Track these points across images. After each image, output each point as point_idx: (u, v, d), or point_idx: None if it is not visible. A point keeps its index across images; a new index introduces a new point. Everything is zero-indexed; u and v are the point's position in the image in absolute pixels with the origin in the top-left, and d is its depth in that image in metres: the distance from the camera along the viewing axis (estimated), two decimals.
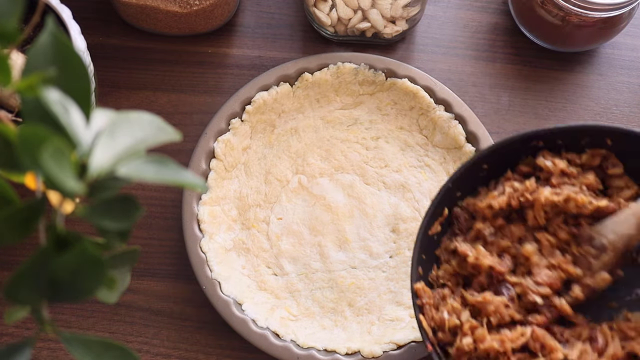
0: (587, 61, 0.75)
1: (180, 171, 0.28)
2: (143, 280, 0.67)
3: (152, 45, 0.74)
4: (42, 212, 0.29)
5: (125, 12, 0.71)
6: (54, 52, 0.29)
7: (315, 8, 0.71)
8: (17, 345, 0.29)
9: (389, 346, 0.62)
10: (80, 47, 0.61)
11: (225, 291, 0.63)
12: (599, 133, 0.56)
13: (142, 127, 0.28)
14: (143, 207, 0.28)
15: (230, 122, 0.68)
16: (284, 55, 0.74)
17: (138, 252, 0.34)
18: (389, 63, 0.70)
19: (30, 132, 0.25)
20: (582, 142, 0.57)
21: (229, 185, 0.68)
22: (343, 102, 0.72)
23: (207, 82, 0.73)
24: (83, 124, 0.28)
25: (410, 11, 0.70)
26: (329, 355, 0.62)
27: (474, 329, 0.52)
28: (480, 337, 0.52)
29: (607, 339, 0.52)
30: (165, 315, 0.66)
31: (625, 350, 0.51)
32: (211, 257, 0.64)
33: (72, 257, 0.27)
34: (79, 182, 0.26)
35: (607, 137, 0.56)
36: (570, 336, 0.53)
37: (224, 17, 0.73)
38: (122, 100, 0.72)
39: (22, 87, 0.27)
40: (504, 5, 0.77)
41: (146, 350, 0.65)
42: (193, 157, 0.67)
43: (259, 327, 0.62)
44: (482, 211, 0.57)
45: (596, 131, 0.56)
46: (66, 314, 0.66)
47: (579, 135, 0.56)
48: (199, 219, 0.65)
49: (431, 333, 0.54)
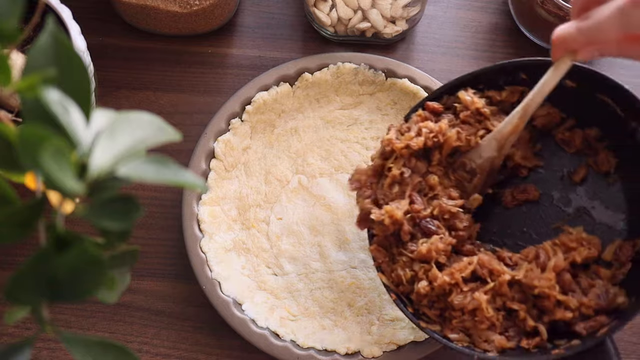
0: (586, 61, 0.75)
1: (180, 171, 0.28)
2: (143, 280, 0.67)
3: (152, 45, 0.74)
4: (42, 212, 0.29)
5: (125, 12, 0.71)
6: (54, 52, 0.29)
7: (315, 8, 0.71)
8: (17, 345, 0.29)
9: (388, 346, 0.62)
10: (80, 47, 0.61)
11: (225, 291, 0.63)
12: (513, 69, 0.58)
13: (142, 127, 0.28)
14: (143, 207, 0.28)
15: (230, 122, 0.68)
16: (284, 55, 0.74)
17: (138, 252, 0.34)
18: (389, 63, 0.70)
19: (30, 132, 0.25)
20: (500, 81, 0.59)
21: (229, 185, 0.68)
22: (343, 102, 0.72)
23: (207, 82, 0.73)
24: (83, 124, 0.28)
25: (410, 11, 0.70)
26: (329, 356, 0.62)
27: (427, 272, 0.55)
28: (433, 277, 0.55)
29: (549, 254, 0.54)
30: (165, 315, 0.66)
31: (567, 261, 0.54)
32: (211, 257, 0.64)
33: (72, 257, 0.27)
34: (79, 182, 0.26)
35: (521, 72, 0.58)
36: (519, 259, 0.56)
37: (224, 17, 0.73)
38: (122, 100, 0.72)
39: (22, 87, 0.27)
40: (504, 5, 0.77)
41: (146, 351, 0.65)
42: (193, 157, 0.67)
43: (259, 327, 0.62)
44: (399, 151, 0.58)
45: (511, 68, 0.58)
46: (66, 314, 0.66)
47: (497, 76, 0.58)
48: (199, 219, 0.65)
49: (393, 286, 0.57)
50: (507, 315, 0.55)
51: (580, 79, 0.55)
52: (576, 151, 0.58)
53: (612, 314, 0.51)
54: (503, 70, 0.58)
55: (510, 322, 0.54)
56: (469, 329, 0.54)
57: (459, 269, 0.55)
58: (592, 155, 0.57)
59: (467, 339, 0.54)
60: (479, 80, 0.59)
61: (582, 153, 0.58)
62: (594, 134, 0.57)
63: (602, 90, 0.55)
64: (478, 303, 0.53)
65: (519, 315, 0.54)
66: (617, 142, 0.56)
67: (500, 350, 0.53)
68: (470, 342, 0.54)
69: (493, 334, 0.54)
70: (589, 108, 0.56)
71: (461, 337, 0.54)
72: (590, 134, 0.57)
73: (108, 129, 0.28)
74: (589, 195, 0.57)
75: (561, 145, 0.59)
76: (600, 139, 0.57)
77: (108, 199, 0.28)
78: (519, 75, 0.58)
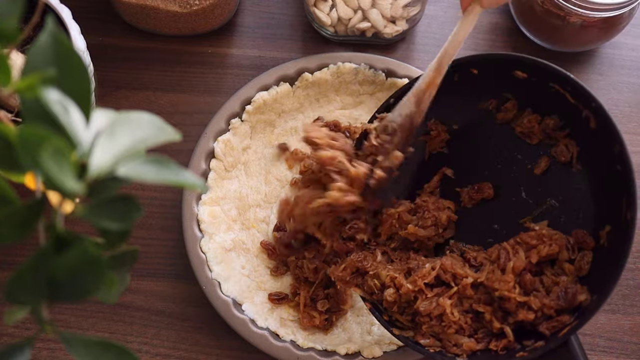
0: (587, 61, 0.75)
1: (180, 171, 0.28)
2: (143, 280, 0.67)
3: (152, 45, 0.74)
4: (42, 212, 0.29)
5: (125, 12, 0.71)
6: (53, 52, 0.28)
7: (315, 8, 0.71)
8: (17, 345, 0.29)
9: (389, 346, 0.62)
10: (80, 47, 0.61)
11: (225, 291, 0.63)
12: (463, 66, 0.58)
13: (142, 127, 0.28)
14: (143, 207, 0.28)
15: (230, 122, 0.68)
16: (284, 55, 0.74)
17: (138, 252, 0.34)
18: (389, 63, 0.70)
19: (30, 132, 0.25)
20: (455, 78, 0.58)
21: (229, 185, 0.68)
22: (343, 102, 0.72)
23: (207, 82, 0.73)
24: (83, 124, 0.28)
25: (410, 11, 0.70)
26: (329, 356, 0.62)
27: (393, 279, 0.56)
28: (398, 284, 0.55)
29: (510, 255, 0.54)
30: (165, 315, 0.66)
31: (528, 260, 0.54)
32: (211, 257, 0.64)
33: (72, 257, 0.27)
34: (79, 182, 0.26)
35: (472, 68, 0.58)
36: (484, 259, 0.56)
37: (224, 17, 0.73)
38: (122, 100, 0.72)
39: (22, 87, 0.27)
40: (504, 5, 0.77)
41: (146, 351, 0.65)
42: (193, 157, 0.67)
43: (259, 328, 0.62)
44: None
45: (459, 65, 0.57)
46: (66, 314, 0.66)
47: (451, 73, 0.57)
48: (199, 219, 0.65)
49: (367, 295, 0.58)
50: (476, 317, 0.55)
51: (529, 69, 0.55)
52: (539, 142, 0.58)
53: (575, 313, 0.51)
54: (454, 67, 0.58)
55: (479, 324, 0.54)
56: (439, 334, 0.55)
57: (422, 275, 0.55)
58: (554, 146, 0.57)
59: (439, 343, 0.55)
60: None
61: (545, 144, 0.58)
62: (553, 123, 0.56)
63: (551, 79, 0.54)
64: (443, 308, 0.54)
65: (485, 317, 0.54)
66: (576, 130, 0.55)
67: (470, 354, 0.53)
68: (442, 346, 0.54)
69: (462, 337, 0.54)
70: (545, 97, 0.56)
71: (432, 342, 0.55)
72: (549, 123, 0.56)
73: (108, 129, 0.28)
74: (554, 187, 0.57)
75: (523, 138, 0.59)
76: (560, 127, 0.56)
77: (108, 199, 0.28)
78: (471, 71, 0.58)
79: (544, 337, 0.51)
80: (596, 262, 0.52)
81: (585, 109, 0.53)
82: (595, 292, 0.50)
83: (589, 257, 0.53)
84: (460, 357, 0.53)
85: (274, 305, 0.65)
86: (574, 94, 0.53)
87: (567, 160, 0.56)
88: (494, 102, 0.59)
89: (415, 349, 0.55)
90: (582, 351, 0.50)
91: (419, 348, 0.54)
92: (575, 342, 0.50)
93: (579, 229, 0.54)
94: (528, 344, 0.52)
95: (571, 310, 0.51)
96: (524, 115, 0.58)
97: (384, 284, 0.56)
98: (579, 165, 0.55)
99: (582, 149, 0.55)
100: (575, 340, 0.50)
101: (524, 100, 0.58)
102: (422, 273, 0.55)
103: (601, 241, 0.52)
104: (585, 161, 0.55)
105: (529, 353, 0.51)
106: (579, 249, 0.53)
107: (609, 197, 0.52)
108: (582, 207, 0.55)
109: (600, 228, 0.53)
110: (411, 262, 0.57)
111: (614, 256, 0.49)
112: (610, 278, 0.48)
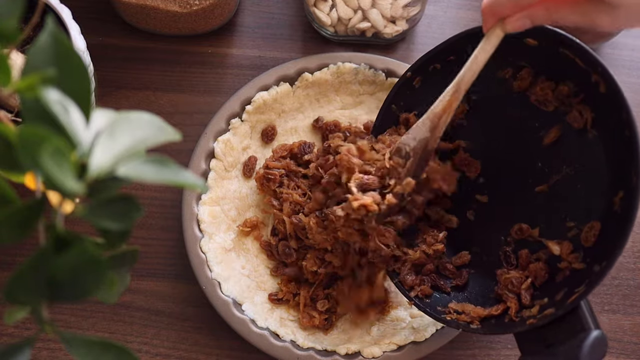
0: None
1: (180, 171, 0.28)
2: (143, 280, 0.67)
3: (152, 45, 0.74)
4: (42, 212, 0.29)
5: (125, 12, 0.71)
6: (53, 52, 0.28)
7: (315, 8, 0.71)
8: (16, 345, 0.29)
9: (388, 347, 0.62)
10: (80, 47, 0.61)
11: (225, 291, 0.63)
12: (476, 36, 0.56)
13: (142, 127, 0.28)
14: (143, 207, 0.28)
15: (230, 122, 0.68)
16: (284, 55, 0.74)
17: (138, 252, 0.34)
18: (389, 63, 0.70)
19: (30, 132, 0.25)
20: (469, 50, 0.57)
21: (229, 185, 0.68)
22: (343, 102, 0.72)
23: (207, 82, 0.73)
24: (83, 124, 0.28)
25: (410, 11, 0.70)
26: (329, 356, 0.62)
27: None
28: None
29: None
30: (165, 315, 0.66)
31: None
32: (211, 257, 0.64)
33: (72, 257, 0.27)
34: (79, 182, 0.26)
35: (469, 44, 0.56)
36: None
37: (224, 17, 0.73)
38: (122, 100, 0.72)
39: (22, 87, 0.27)
40: None
41: (146, 351, 0.65)
42: (193, 157, 0.67)
43: (259, 328, 0.62)
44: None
45: (472, 35, 0.56)
46: (66, 314, 0.66)
47: (465, 45, 0.57)
48: (199, 219, 0.65)
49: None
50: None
51: (538, 36, 0.54)
52: (554, 109, 0.57)
53: (585, 280, 0.51)
54: (446, 50, 0.57)
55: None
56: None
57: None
58: (568, 113, 0.57)
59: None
60: (429, 63, 0.61)
61: (560, 111, 0.57)
62: (567, 89, 0.56)
63: (560, 45, 0.54)
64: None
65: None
66: (589, 95, 0.54)
67: (480, 319, 0.55)
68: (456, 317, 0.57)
69: (468, 305, 0.57)
70: (557, 64, 0.55)
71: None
72: (563, 89, 0.56)
73: (108, 129, 0.28)
74: (570, 155, 0.57)
75: (538, 106, 0.58)
76: (575, 94, 0.55)
77: (108, 199, 0.28)
78: (466, 51, 0.57)
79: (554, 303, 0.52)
80: (604, 233, 0.52)
81: (594, 73, 0.52)
82: (601, 260, 0.50)
83: (597, 228, 0.53)
84: (473, 324, 0.55)
85: (274, 305, 0.65)
86: (582, 59, 0.53)
87: (581, 127, 0.55)
88: (510, 70, 0.59)
89: (434, 316, 0.57)
90: (592, 317, 0.50)
91: (436, 315, 0.57)
92: (586, 308, 0.50)
93: (594, 200, 0.54)
94: (533, 312, 0.53)
95: (580, 277, 0.52)
96: (537, 83, 0.57)
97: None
98: (594, 131, 0.54)
99: (596, 115, 0.54)
100: (585, 306, 0.50)
101: (538, 68, 0.57)
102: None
103: (614, 207, 0.52)
104: (599, 127, 0.54)
105: (538, 320, 0.51)
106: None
107: (620, 163, 0.52)
108: (598, 174, 0.54)
109: (614, 195, 0.52)
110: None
111: (622, 222, 0.49)
112: (617, 243, 0.49)
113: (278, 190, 0.66)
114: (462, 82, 0.53)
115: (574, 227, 0.55)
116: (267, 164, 0.67)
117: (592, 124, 0.55)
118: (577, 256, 0.54)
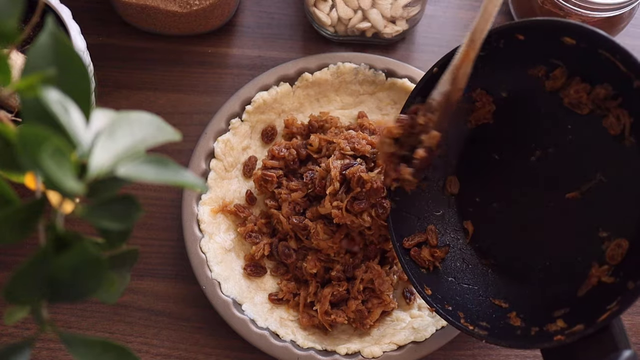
0: None
1: (180, 171, 0.28)
2: (143, 280, 0.67)
3: (152, 45, 0.74)
4: (42, 212, 0.29)
5: (125, 12, 0.71)
6: (53, 52, 0.28)
7: (315, 8, 0.71)
8: (16, 345, 0.29)
9: (388, 346, 0.62)
10: (80, 47, 0.61)
11: (225, 291, 0.63)
12: (507, 32, 0.55)
13: (142, 127, 0.28)
14: (143, 207, 0.28)
15: (230, 122, 0.68)
16: (284, 55, 0.74)
17: (138, 252, 0.34)
18: (389, 63, 0.70)
19: (30, 132, 0.25)
20: (500, 45, 0.56)
21: (229, 185, 0.68)
22: (343, 102, 0.72)
23: (207, 82, 0.73)
24: (83, 124, 0.28)
25: (410, 11, 0.70)
26: (329, 356, 0.62)
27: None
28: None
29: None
30: (165, 316, 0.66)
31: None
32: (211, 257, 0.64)
33: (72, 257, 0.27)
34: (79, 182, 0.26)
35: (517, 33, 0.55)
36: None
37: (224, 17, 0.73)
38: (122, 100, 0.72)
39: (22, 87, 0.27)
40: (504, 6, 0.77)
41: (146, 351, 0.65)
42: (193, 157, 0.67)
43: (259, 328, 0.62)
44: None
45: (503, 31, 0.55)
46: (66, 314, 0.66)
47: (497, 40, 0.56)
48: (199, 219, 0.65)
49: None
50: None
51: (577, 35, 0.52)
52: (589, 112, 0.54)
53: (618, 297, 0.49)
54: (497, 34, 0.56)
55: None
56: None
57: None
58: (605, 117, 0.54)
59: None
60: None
61: (596, 115, 0.54)
62: (604, 92, 0.53)
63: (600, 46, 0.51)
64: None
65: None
66: (629, 100, 0.52)
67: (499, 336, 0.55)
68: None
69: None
70: (595, 65, 0.52)
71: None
72: (599, 92, 0.53)
73: (108, 129, 0.28)
74: (604, 161, 0.54)
75: (572, 108, 0.55)
76: (612, 97, 0.53)
77: (108, 199, 0.28)
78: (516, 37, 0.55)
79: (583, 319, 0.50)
80: (632, 250, 0.51)
81: (637, 79, 0.50)
82: (636, 277, 0.49)
83: (624, 247, 0.51)
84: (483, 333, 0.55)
85: (274, 305, 0.65)
86: (624, 63, 0.50)
87: (617, 133, 0.53)
88: (542, 69, 0.56)
89: (444, 316, 0.57)
90: (624, 335, 0.48)
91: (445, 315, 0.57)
92: (617, 325, 0.49)
93: (627, 212, 0.52)
94: (561, 327, 0.51)
95: (611, 293, 0.50)
96: (572, 85, 0.55)
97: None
98: (632, 138, 0.52)
99: (635, 120, 0.51)
100: (617, 324, 0.49)
101: (574, 68, 0.55)
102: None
103: None
104: (639, 134, 0.51)
105: (566, 337, 0.50)
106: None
107: None
108: (632, 184, 0.52)
109: None
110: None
111: None
112: None
113: (276, 191, 0.66)
114: (475, 32, 0.53)
115: (606, 238, 0.53)
116: (264, 163, 0.67)
117: (630, 130, 0.52)
118: (606, 269, 0.52)
